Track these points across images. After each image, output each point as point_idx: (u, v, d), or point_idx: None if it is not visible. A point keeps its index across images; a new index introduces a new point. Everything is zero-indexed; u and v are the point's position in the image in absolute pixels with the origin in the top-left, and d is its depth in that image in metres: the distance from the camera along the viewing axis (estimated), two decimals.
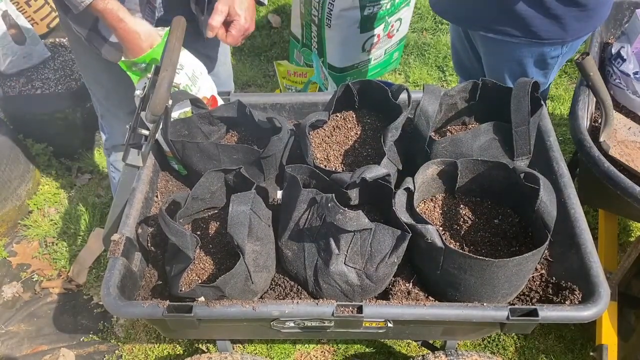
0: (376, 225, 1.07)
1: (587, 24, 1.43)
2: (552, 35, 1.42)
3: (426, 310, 1.04)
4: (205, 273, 1.20)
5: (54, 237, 2.21)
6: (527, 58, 1.52)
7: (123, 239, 1.14)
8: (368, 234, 1.07)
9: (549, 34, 1.42)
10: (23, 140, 2.41)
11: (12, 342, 1.91)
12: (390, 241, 1.07)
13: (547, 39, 1.43)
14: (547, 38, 1.43)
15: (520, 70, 1.56)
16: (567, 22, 1.40)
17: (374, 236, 1.07)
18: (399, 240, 1.07)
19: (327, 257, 1.10)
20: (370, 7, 2.32)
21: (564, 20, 1.39)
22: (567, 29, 1.41)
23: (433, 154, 1.25)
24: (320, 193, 1.11)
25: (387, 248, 1.08)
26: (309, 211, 1.13)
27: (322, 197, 1.10)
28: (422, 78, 2.85)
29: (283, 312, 1.04)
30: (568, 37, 1.45)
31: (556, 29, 1.41)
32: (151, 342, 1.88)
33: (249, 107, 1.34)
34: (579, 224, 1.14)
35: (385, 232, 1.07)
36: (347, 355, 1.83)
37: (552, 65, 1.56)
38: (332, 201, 1.06)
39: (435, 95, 1.24)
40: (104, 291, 1.06)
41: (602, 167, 1.36)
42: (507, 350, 1.82)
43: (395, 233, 1.07)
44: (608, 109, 1.49)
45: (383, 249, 1.08)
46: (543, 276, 1.17)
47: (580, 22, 1.41)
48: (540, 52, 1.49)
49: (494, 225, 1.21)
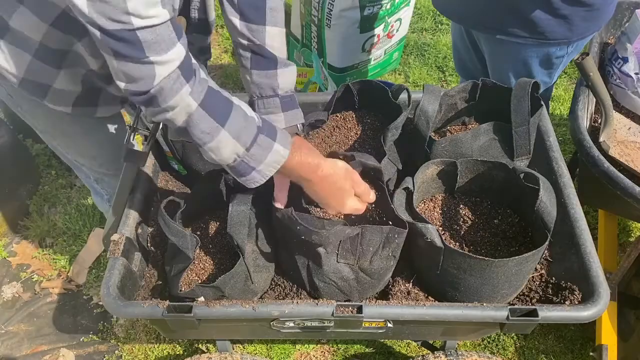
0: (362, 228, 1.05)
1: (593, 23, 1.43)
2: (558, 35, 1.42)
3: (426, 310, 1.04)
4: (205, 273, 1.20)
5: (53, 237, 2.21)
6: (533, 58, 1.52)
7: (123, 239, 1.14)
8: (356, 236, 1.06)
9: (555, 34, 1.42)
10: (23, 140, 2.41)
11: (12, 342, 1.91)
12: (379, 238, 1.07)
13: (553, 39, 1.43)
14: (553, 38, 1.43)
15: (525, 70, 1.56)
16: (574, 21, 1.39)
17: (362, 236, 1.06)
18: (391, 235, 1.07)
19: (318, 259, 1.10)
20: (370, 7, 2.32)
21: (570, 20, 1.39)
22: (573, 28, 1.41)
23: (433, 154, 1.25)
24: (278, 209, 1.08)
25: (377, 244, 1.07)
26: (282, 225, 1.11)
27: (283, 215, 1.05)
28: (422, 78, 2.85)
29: (283, 312, 1.04)
30: (574, 37, 1.44)
31: (562, 29, 1.41)
32: (151, 342, 1.88)
33: None
34: (579, 224, 1.14)
35: (373, 231, 1.06)
36: (347, 355, 1.83)
37: (557, 65, 1.55)
38: (301, 224, 1.01)
39: (435, 95, 1.24)
40: (104, 291, 1.06)
41: (602, 167, 1.36)
42: (507, 350, 1.82)
43: (384, 230, 1.06)
44: (608, 109, 1.49)
45: (373, 245, 1.07)
46: (543, 276, 1.17)
47: (587, 22, 1.41)
48: (546, 52, 1.49)
49: (493, 225, 1.21)
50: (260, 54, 1.11)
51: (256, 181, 0.97)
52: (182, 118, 0.89)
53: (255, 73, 1.13)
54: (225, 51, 3.04)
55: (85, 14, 0.75)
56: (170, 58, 0.83)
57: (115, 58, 0.81)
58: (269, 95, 1.14)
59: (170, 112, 0.88)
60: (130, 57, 0.80)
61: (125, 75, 0.83)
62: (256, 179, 0.96)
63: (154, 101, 0.86)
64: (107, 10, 0.75)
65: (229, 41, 3.07)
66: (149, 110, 0.90)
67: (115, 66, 0.82)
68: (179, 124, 0.90)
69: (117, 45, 0.79)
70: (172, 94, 0.85)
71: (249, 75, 1.14)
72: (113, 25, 0.76)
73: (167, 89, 0.85)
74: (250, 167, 0.94)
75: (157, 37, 0.80)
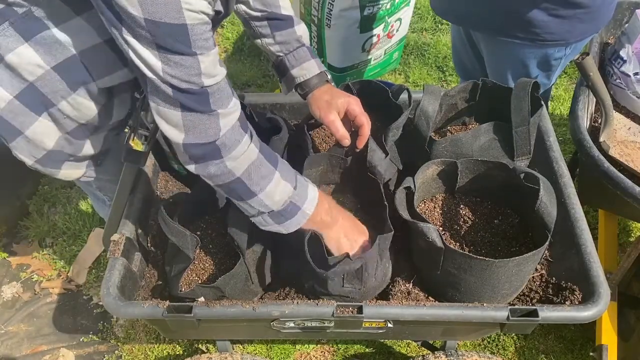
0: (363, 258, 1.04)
1: (590, 25, 1.43)
2: (556, 36, 1.42)
3: (426, 311, 1.04)
4: (205, 273, 1.20)
5: (53, 237, 2.21)
6: (531, 59, 1.52)
7: (123, 239, 1.14)
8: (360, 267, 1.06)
9: (553, 36, 1.42)
10: None
11: (11, 342, 1.91)
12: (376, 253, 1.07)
13: (551, 41, 1.43)
14: (551, 40, 1.43)
15: (523, 71, 1.56)
16: (571, 23, 1.39)
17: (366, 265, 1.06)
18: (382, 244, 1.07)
19: (324, 284, 1.09)
20: (370, 7, 2.32)
21: (568, 22, 1.39)
22: (571, 30, 1.41)
23: (433, 154, 1.25)
24: None
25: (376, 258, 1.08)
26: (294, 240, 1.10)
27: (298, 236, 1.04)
28: (422, 78, 2.85)
29: (283, 312, 1.04)
30: (572, 39, 1.44)
31: (560, 31, 1.41)
32: (151, 342, 1.88)
33: (249, 107, 1.34)
34: (579, 224, 1.14)
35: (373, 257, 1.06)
36: (347, 355, 1.83)
37: (556, 67, 1.55)
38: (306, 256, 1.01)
39: (435, 96, 1.24)
40: (104, 291, 1.06)
41: (602, 167, 1.36)
42: (507, 350, 1.82)
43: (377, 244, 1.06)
44: (608, 109, 1.48)
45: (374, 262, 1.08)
46: (543, 276, 1.17)
47: (585, 24, 1.41)
48: (544, 53, 1.49)
49: (494, 226, 1.21)
50: (276, 18, 1.18)
51: (298, 223, 1.02)
52: (244, 167, 0.93)
53: (278, 34, 1.19)
54: (225, 51, 3.04)
55: (160, 75, 0.81)
56: (232, 109, 0.90)
57: (182, 110, 0.85)
58: (296, 47, 1.21)
59: (233, 163, 0.92)
60: (198, 110, 0.85)
61: (191, 127, 0.87)
62: (298, 220, 1.01)
63: (215, 154, 0.90)
64: (183, 74, 0.81)
65: (229, 41, 3.07)
66: (205, 165, 0.92)
67: (179, 118, 0.86)
68: (239, 173, 0.93)
69: (187, 100, 0.84)
70: (235, 144, 0.91)
71: (272, 39, 1.20)
72: (186, 85, 0.82)
73: (231, 139, 0.90)
74: (297, 207, 1.00)
75: (220, 92, 0.87)
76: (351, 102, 1.18)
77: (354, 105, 1.18)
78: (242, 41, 3.07)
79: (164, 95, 0.84)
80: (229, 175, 0.93)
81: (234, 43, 3.06)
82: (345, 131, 1.17)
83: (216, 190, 0.99)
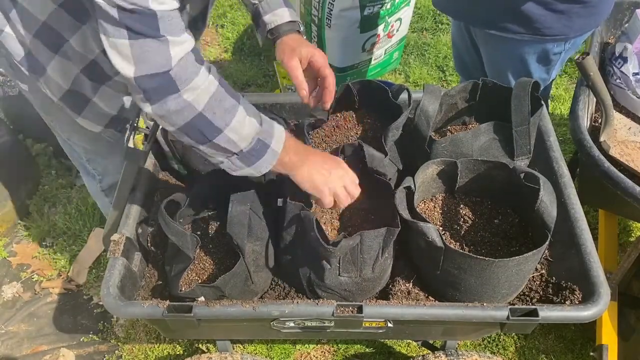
0: (360, 234, 1.05)
1: (589, 20, 1.43)
2: (555, 31, 1.42)
3: (426, 310, 1.04)
4: (205, 273, 1.20)
5: (53, 237, 2.21)
6: (530, 54, 1.52)
7: (123, 239, 1.14)
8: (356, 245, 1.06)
9: (552, 31, 1.42)
10: (23, 140, 2.41)
11: (12, 342, 1.91)
12: (378, 242, 1.07)
13: (549, 36, 1.43)
14: (550, 34, 1.43)
15: (522, 67, 1.56)
16: (570, 18, 1.40)
17: (362, 243, 1.06)
18: (387, 237, 1.07)
19: (320, 272, 1.09)
20: (370, 7, 2.32)
21: (567, 17, 1.39)
22: (570, 25, 1.41)
23: (433, 153, 1.24)
24: (305, 208, 1.08)
25: (377, 249, 1.08)
26: (295, 225, 1.13)
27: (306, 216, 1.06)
28: (422, 78, 2.85)
29: (283, 312, 1.04)
30: (571, 34, 1.45)
31: (559, 25, 1.41)
32: (151, 342, 1.88)
33: None
34: (579, 224, 1.14)
35: (371, 236, 1.06)
36: (347, 355, 1.83)
37: (555, 62, 1.56)
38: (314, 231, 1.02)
39: (435, 95, 1.24)
40: (104, 291, 1.06)
41: (602, 167, 1.36)
42: (507, 350, 1.82)
43: (380, 233, 1.06)
44: (608, 109, 1.48)
45: (374, 251, 1.07)
46: (543, 276, 1.17)
47: (583, 18, 1.41)
48: (543, 48, 1.49)
49: (494, 225, 1.21)
50: None
51: (268, 162, 0.99)
52: (205, 99, 0.90)
53: None
54: (226, 51, 3.04)
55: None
56: (184, 39, 0.87)
57: (130, 37, 0.83)
58: None
59: (192, 95, 0.89)
60: (146, 34, 0.83)
61: (140, 56, 0.85)
62: (268, 159, 0.98)
63: (171, 86, 0.87)
64: None
65: (229, 41, 3.07)
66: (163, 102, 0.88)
67: (127, 47, 0.84)
68: (200, 107, 0.90)
69: (134, 22, 0.82)
70: (192, 75, 0.88)
71: None
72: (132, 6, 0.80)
73: (186, 71, 0.87)
74: (265, 145, 0.97)
75: (170, 20, 0.84)
76: (316, 53, 1.18)
77: (319, 57, 1.18)
78: (242, 41, 3.07)
79: (112, 20, 0.82)
80: (190, 109, 0.89)
81: (234, 43, 3.06)
82: (304, 79, 1.16)
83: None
